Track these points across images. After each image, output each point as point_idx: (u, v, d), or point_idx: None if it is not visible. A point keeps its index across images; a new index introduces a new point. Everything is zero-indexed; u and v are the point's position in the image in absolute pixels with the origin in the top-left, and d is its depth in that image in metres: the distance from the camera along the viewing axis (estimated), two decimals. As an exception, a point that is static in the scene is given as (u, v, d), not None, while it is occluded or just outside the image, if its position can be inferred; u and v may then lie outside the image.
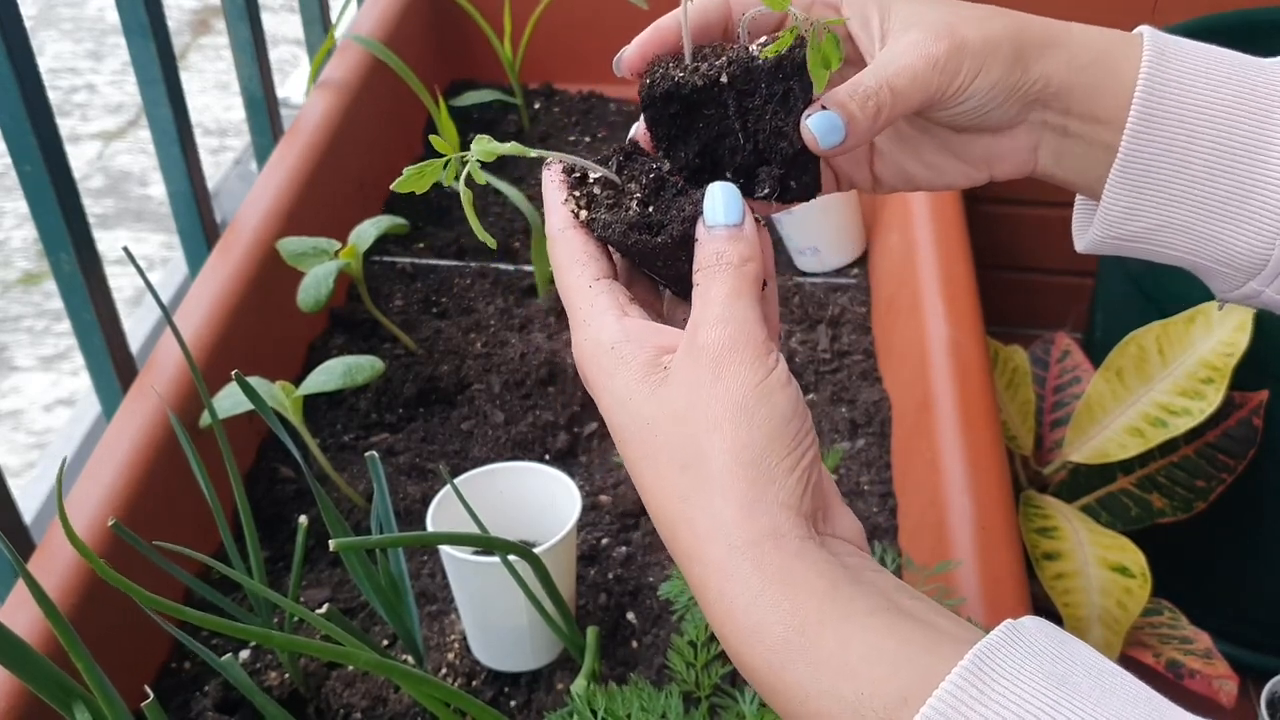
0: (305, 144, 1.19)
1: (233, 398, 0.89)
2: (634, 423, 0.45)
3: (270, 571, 0.93)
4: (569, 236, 0.49)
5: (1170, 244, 0.53)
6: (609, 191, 0.49)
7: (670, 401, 0.44)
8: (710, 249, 0.46)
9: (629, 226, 0.47)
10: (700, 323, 0.44)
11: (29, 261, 2.13)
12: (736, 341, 0.43)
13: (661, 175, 0.49)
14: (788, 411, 0.43)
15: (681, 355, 0.44)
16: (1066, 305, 1.72)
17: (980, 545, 0.85)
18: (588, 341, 0.46)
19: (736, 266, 0.45)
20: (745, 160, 0.50)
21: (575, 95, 1.55)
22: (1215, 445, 1.21)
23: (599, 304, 0.47)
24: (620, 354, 0.45)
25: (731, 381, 0.43)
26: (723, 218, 0.46)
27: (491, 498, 0.85)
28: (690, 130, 0.50)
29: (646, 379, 0.45)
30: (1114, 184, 0.52)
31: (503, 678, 0.87)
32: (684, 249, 0.47)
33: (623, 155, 0.50)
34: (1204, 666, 1.11)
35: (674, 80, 0.49)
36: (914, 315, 1.08)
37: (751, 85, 0.48)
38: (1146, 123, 0.50)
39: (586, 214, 0.49)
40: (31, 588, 0.54)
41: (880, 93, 0.48)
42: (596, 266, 0.48)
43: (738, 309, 0.44)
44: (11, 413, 1.85)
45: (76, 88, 2.58)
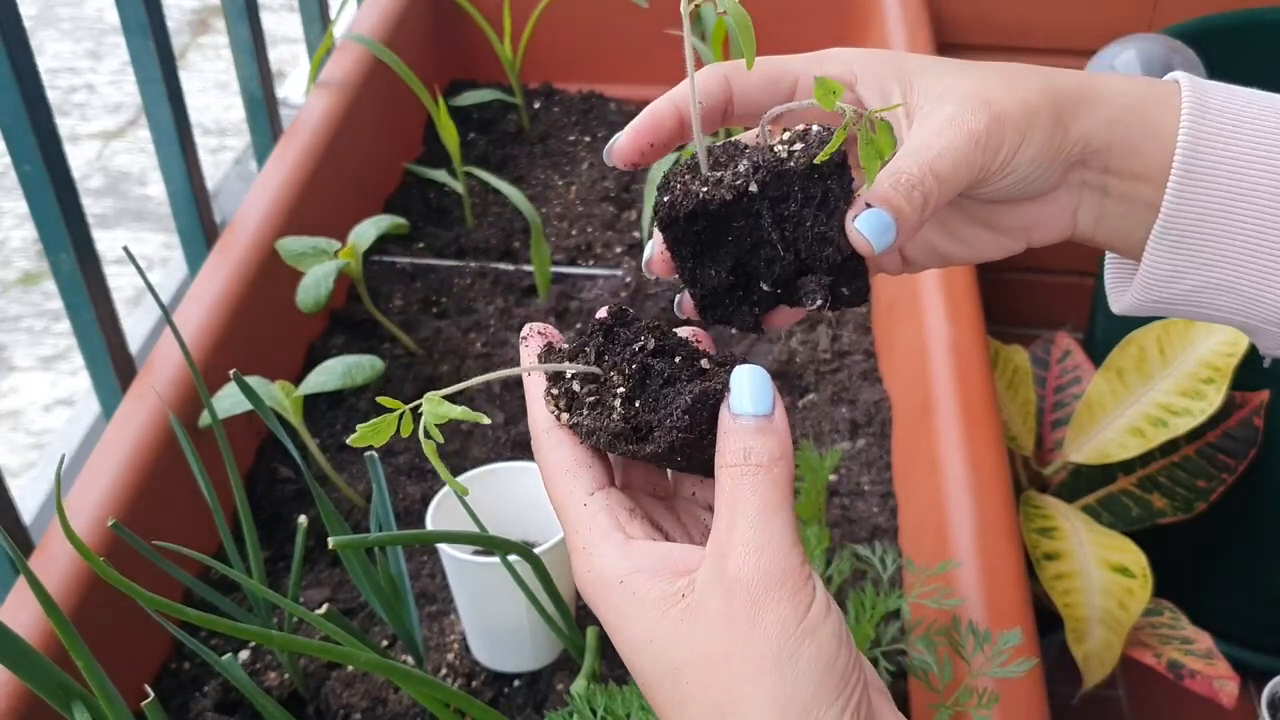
0: (305, 144, 1.19)
1: (232, 398, 0.89)
2: (657, 666, 0.41)
3: (270, 571, 0.93)
4: (554, 441, 0.45)
5: (1215, 305, 0.49)
6: (590, 385, 0.44)
7: (700, 644, 0.39)
8: (737, 445, 0.41)
9: (614, 436, 0.43)
10: (730, 548, 0.40)
11: (29, 261, 2.12)
12: (773, 575, 0.39)
13: (645, 361, 0.44)
14: (833, 649, 0.39)
15: (708, 584, 0.40)
16: (1067, 305, 1.72)
17: (981, 545, 0.85)
18: (591, 574, 0.42)
19: (767, 469, 0.40)
20: (784, 272, 0.46)
21: (575, 95, 1.55)
22: (1216, 445, 1.21)
23: (597, 527, 0.43)
24: (631, 588, 0.41)
25: (771, 625, 0.39)
26: (751, 407, 0.41)
27: (491, 498, 0.85)
28: (718, 247, 0.46)
29: (666, 615, 0.40)
30: (1156, 244, 0.48)
31: (503, 678, 0.87)
32: (678, 454, 0.43)
33: (603, 334, 0.45)
34: (1205, 667, 1.10)
35: (698, 197, 0.44)
36: (915, 315, 1.08)
37: (784, 190, 0.44)
38: (1189, 178, 0.46)
39: (568, 416, 0.44)
40: (33, 586, 0.54)
41: (925, 181, 0.44)
42: (589, 476, 0.44)
43: (772, 531, 0.40)
44: (11, 413, 1.85)
45: (76, 87, 2.58)
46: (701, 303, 0.48)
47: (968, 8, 1.59)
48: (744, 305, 0.48)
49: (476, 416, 0.42)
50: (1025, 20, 1.60)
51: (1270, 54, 1.39)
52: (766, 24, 1.43)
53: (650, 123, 0.48)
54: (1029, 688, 0.75)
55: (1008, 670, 0.70)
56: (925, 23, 1.38)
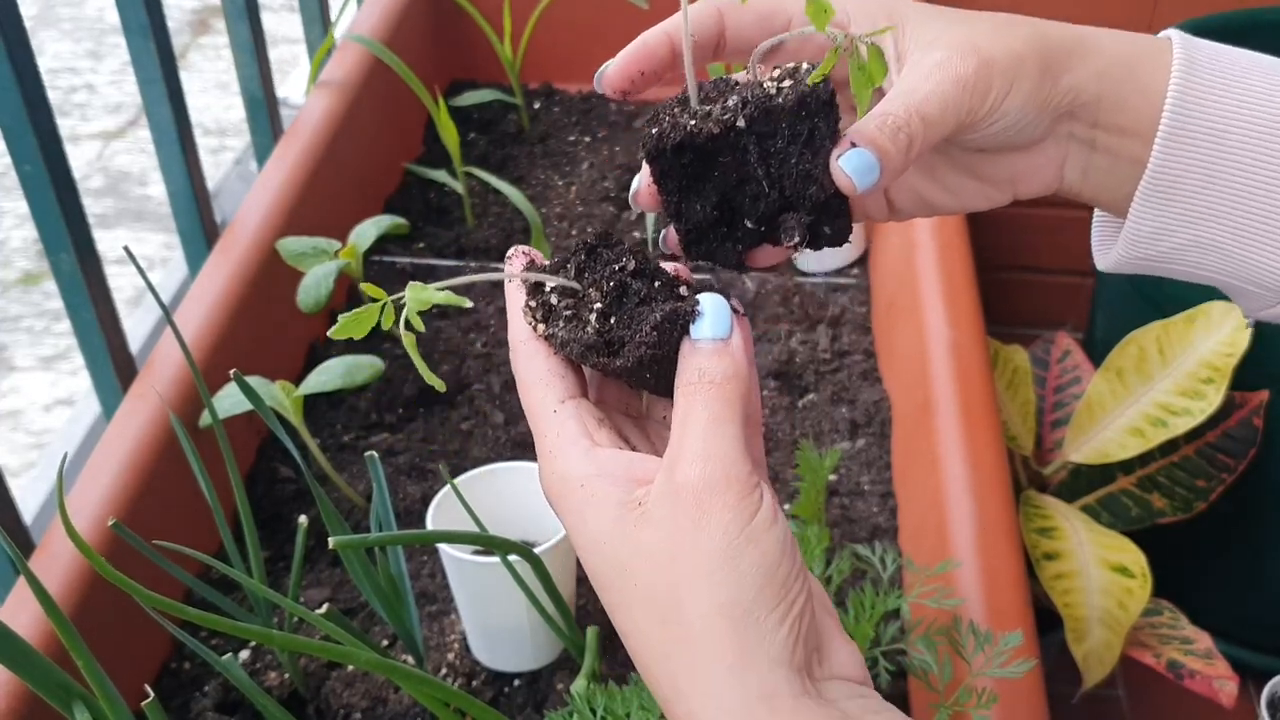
0: (305, 144, 1.19)
1: (233, 398, 0.89)
2: (609, 567, 0.42)
3: (270, 571, 0.93)
4: (529, 351, 0.46)
5: (1199, 264, 0.49)
6: (567, 300, 0.45)
7: (647, 546, 0.41)
8: (692, 364, 0.43)
9: (586, 348, 0.44)
10: (678, 457, 0.41)
11: (29, 261, 2.13)
12: (717, 480, 0.40)
13: (624, 280, 0.44)
14: (776, 555, 0.40)
15: (659, 493, 0.41)
16: (1066, 305, 1.72)
17: (980, 545, 0.85)
18: (554, 475, 0.43)
19: (719, 385, 0.42)
20: (768, 209, 0.46)
21: (575, 95, 1.55)
22: (1215, 445, 1.21)
23: (565, 432, 0.44)
24: (591, 491, 0.42)
25: (714, 528, 0.40)
26: (710, 331, 0.43)
27: (491, 498, 0.85)
28: (705, 181, 0.46)
29: (621, 519, 0.41)
30: (1142, 200, 0.48)
31: (503, 678, 0.87)
32: (646, 369, 0.43)
33: (585, 252, 0.46)
34: (1204, 667, 1.10)
35: (686, 129, 0.44)
36: (914, 315, 1.08)
37: (772, 126, 0.44)
38: (1177, 135, 0.46)
39: (544, 327, 0.45)
40: (33, 586, 0.54)
41: (911, 122, 0.44)
42: (561, 385, 0.45)
43: (719, 441, 0.41)
44: (11, 413, 1.85)
45: (76, 88, 2.58)
46: (686, 238, 0.48)
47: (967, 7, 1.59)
48: (728, 242, 0.48)
49: (459, 301, 0.43)
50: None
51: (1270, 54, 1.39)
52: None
53: (642, 50, 0.48)
54: (1029, 688, 0.75)
55: (1007, 670, 0.70)
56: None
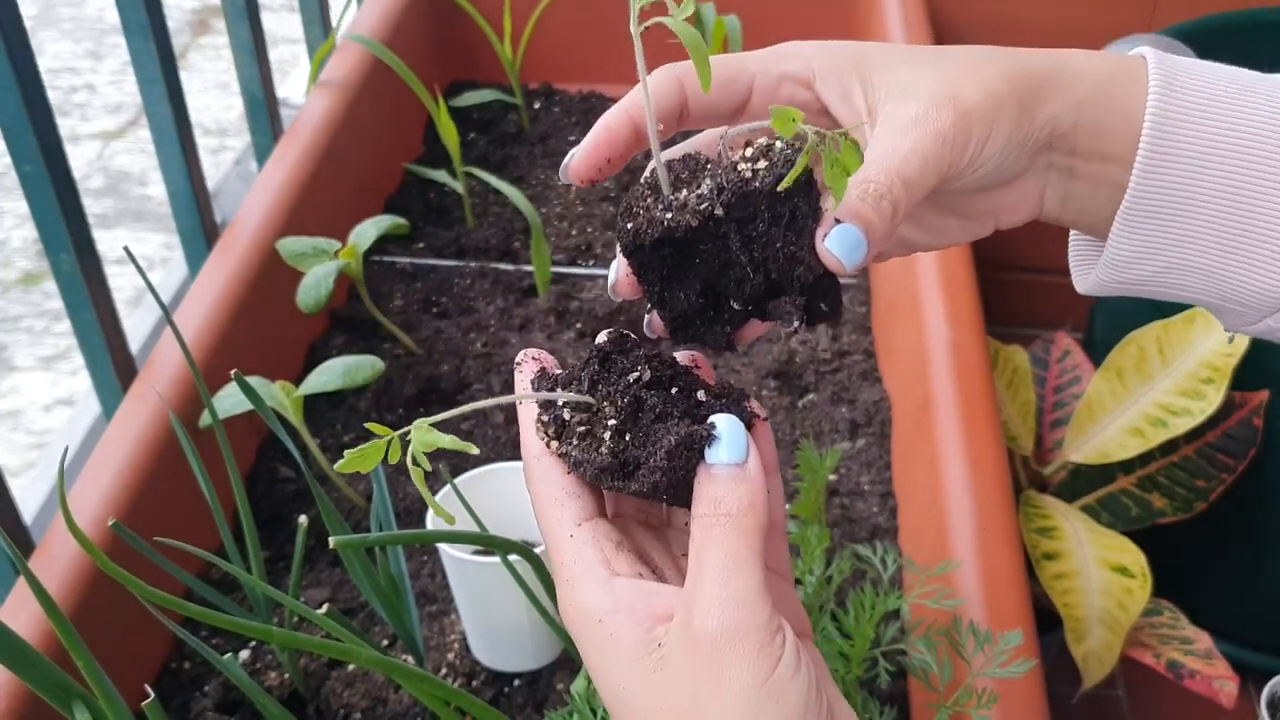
0: (305, 144, 1.19)
1: (233, 398, 0.89)
2: (628, 712, 0.41)
3: (270, 571, 0.93)
4: (543, 468, 0.44)
5: (1180, 285, 0.48)
6: (580, 416, 0.44)
7: (668, 696, 0.39)
8: (708, 494, 0.41)
9: (600, 470, 0.42)
10: (695, 602, 0.39)
11: (29, 261, 2.12)
12: (735, 631, 0.38)
13: (638, 394, 0.43)
14: (800, 708, 0.38)
15: (677, 639, 0.40)
16: (1066, 305, 1.72)
17: (980, 545, 0.85)
18: (573, 606, 0.42)
19: (736, 519, 0.40)
20: (755, 291, 0.45)
21: (575, 95, 1.55)
22: (1215, 445, 1.21)
23: (583, 560, 0.42)
24: (610, 630, 0.41)
25: (732, 684, 0.38)
26: (725, 456, 0.41)
27: (491, 498, 0.85)
28: (686, 270, 0.45)
29: (641, 661, 0.40)
30: (1121, 224, 0.47)
31: (503, 678, 0.87)
32: (661, 494, 0.42)
33: (599, 361, 0.45)
34: (1204, 667, 1.10)
35: (663, 224, 0.43)
36: (914, 315, 1.08)
37: (751, 211, 0.43)
38: (1156, 158, 0.46)
39: (557, 445, 0.44)
40: (33, 586, 0.54)
41: (894, 188, 0.43)
42: (577, 506, 0.43)
43: (736, 585, 0.39)
44: (11, 413, 1.85)
45: (76, 88, 2.58)
46: (672, 324, 0.47)
47: (967, 7, 1.60)
48: (715, 325, 0.47)
49: (466, 446, 0.42)
50: (1024, 20, 1.60)
51: (1270, 54, 1.39)
52: (767, 23, 1.44)
53: (605, 137, 0.46)
54: (1029, 688, 0.75)
55: (1008, 670, 0.70)
56: (924, 21, 1.38)
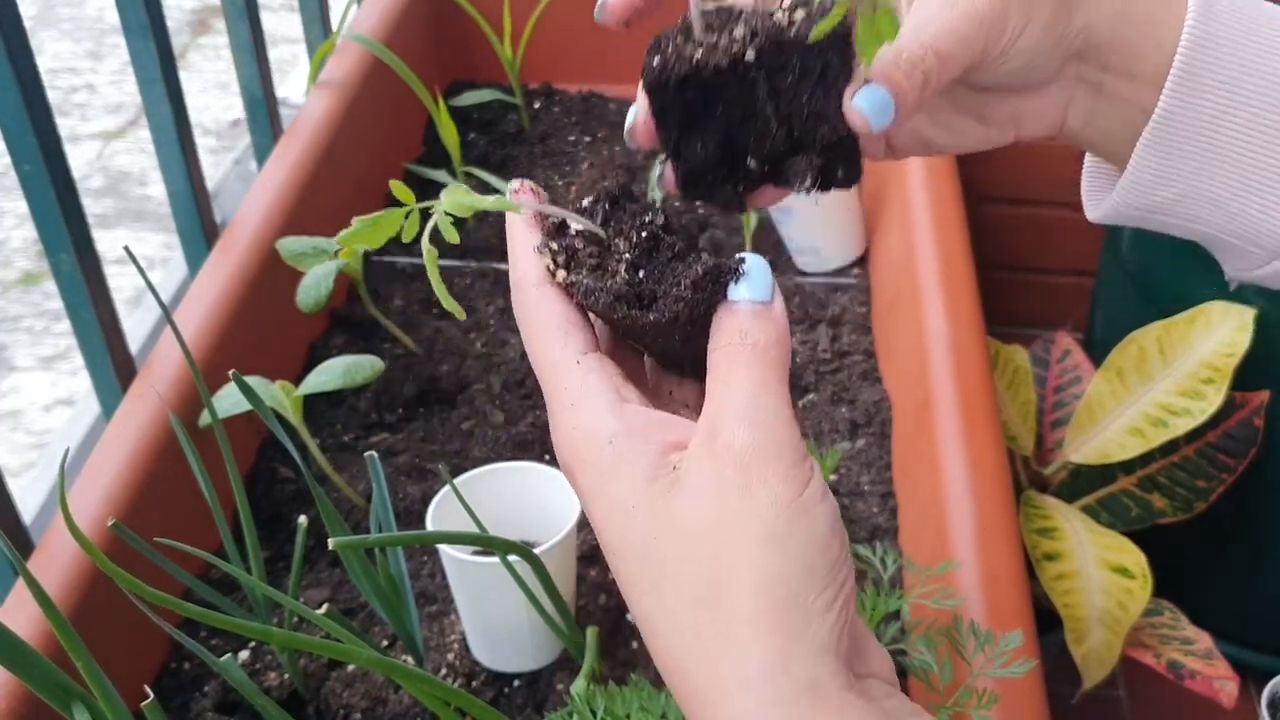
0: (305, 144, 1.19)
1: (232, 398, 0.89)
2: (634, 539, 0.37)
3: (270, 572, 0.93)
4: (546, 296, 0.41)
5: (1195, 216, 0.48)
6: (592, 248, 0.41)
7: (683, 517, 0.37)
8: (733, 325, 0.39)
9: (616, 297, 0.39)
10: (722, 420, 0.37)
11: (29, 261, 2.13)
12: (767, 446, 0.36)
13: (655, 231, 0.41)
14: (827, 532, 0.36)
15: (698, 457, 0.37)
16: (1067, 305, 1.72)
17: (980, 546, 0.85)
18: (577, 430, 0.39)
19: (764, 349, 0.38)
20: (774, 148, 0.44)
21: (575, 95, 1.55)
22: (1216, 445, 1.21)
23: (590, 384, 0.39)
24: (619, 451, 0.38)
25: (763, 498, 0.36)
26: (749, 293, 0.39)
27: (491, 498, 0.85)
28: (708, 117, 0.43)
29: (653, 483, 0.37)
30: (1145, 147, 0.46)
31: (503, 678, 0.87)
32: (678, 329, 0.40)
33: (609, 201, 0.42)
34: (1205, 667, 1.10)
35: (691, 61, 0.41)
36: (914, 315, 1.08)
37: (782, 61, 0.41)
38: (1189, 80, 0.45)
39: (565, 274, 0.41)
40: (31, 587, 0.54)
41: (926, 59, 0.42)
42: (582, 338, 0.41)
43: (766, 405, 0.37)
44: (11, 413, 1.85)
45: (76, 88, 2.58)
46: (685, 178, 0.45)
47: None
48: (728, 182, 0.45)
49: (506, 205, 0.39)
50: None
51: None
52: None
53: None
54: (1029, 688, 0.75)
55: (1008, 671, 0.70)
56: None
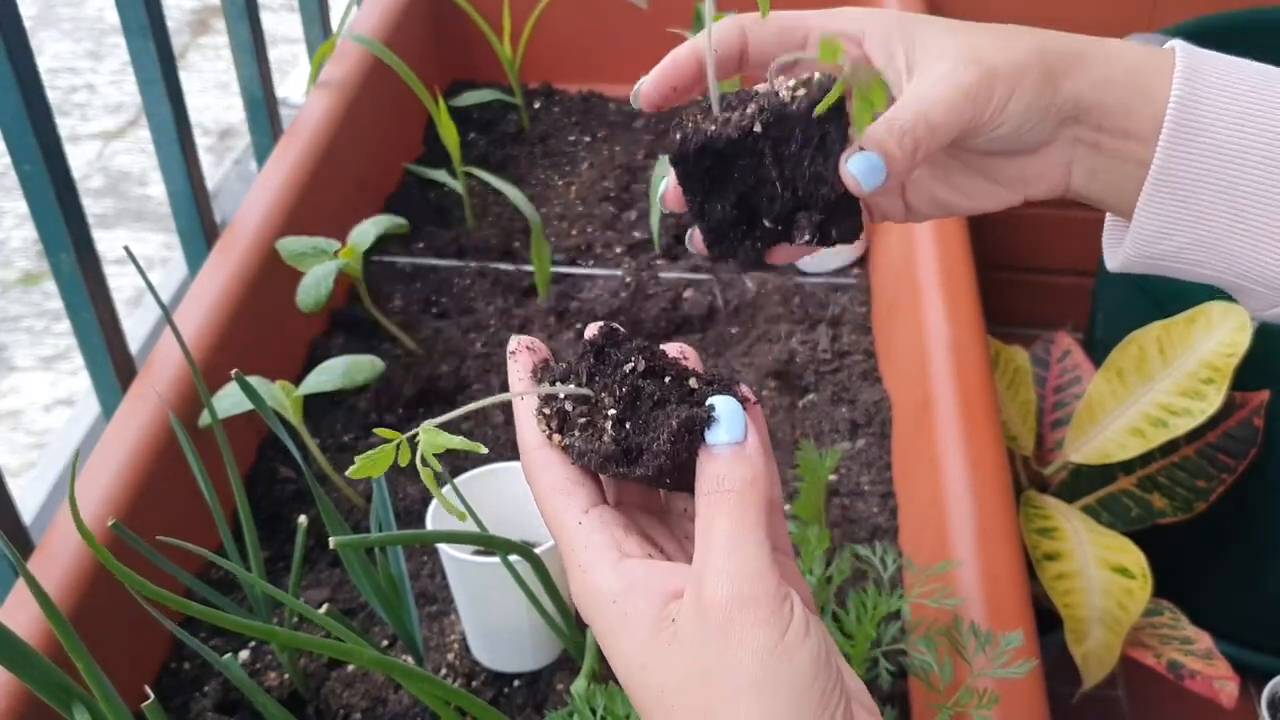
0: (305, 144, 1.19)
1: (232, 397, 0.89)
2: (645, 689, 0.42)
3: (270, 572, 0.93)
4: (547, 460, 0.46)
5: (1203, 262, 0.51)
6: (581, 407, 0.46)
7: (681, 669, 0.41)
8: (711, 472, 0.43)
9: (605, 458, 0.44)
10: (704, 574, 0.41)
11: (29, 261, 2.12)
12: (744, 598, 0.40)
13: (636, 384, 0.46)
14: (810, 672, 0.40)
15: (688, 611, 0.41)
16: (1067, 305, 1.72)
17: (980, 545, 0.85)
18: (587, 590, 0.44)
19: (739, 493, 0.42)
20: (783, 208, 0.49)
21: (575, 95, 1.55)
22: (1216, 446, 1.21)
23: (593, 545, 0.44)
24: (623, 609, 0.42)
25: (743, 650, 0.40)
26: (725, 436, 0.43)
27: (491, 498, 0.85)
28: (725, 183, 0.49)
29: (655, 637, 0.42)
30: (1146, 201, 0.50)
31: (503, 678, 0.87)
32: (665, 477, 0.44)
33: (594, 354, 0.47)
34: (1205, 667, 1.10)
35: (707, 134, 0.48)
36: (914, 315, 1.08)
37: (786, 132, 0.47)
38: (1179, 137, 0.49)
39: (560, 438, 0.46)
40: (32, 587, 0.54)
41: (917, 128, 0.47)
42: (583, 495, 0.45)
43: (743, 555, 0.41)
44: (11, 413, 1.85)
45: (76, 88, 2.58)
46: (708, 236, 0.52)
47: (967, 6, 1.59)
48: (747, 240, 0.51)
49: (474, 447, 0.43)
50: (1024, 19, 1.59)
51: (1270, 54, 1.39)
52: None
53: (673, 68, 0.51)
54: (1029, 688, 0.75)
55: (1008, 671, 0.70)
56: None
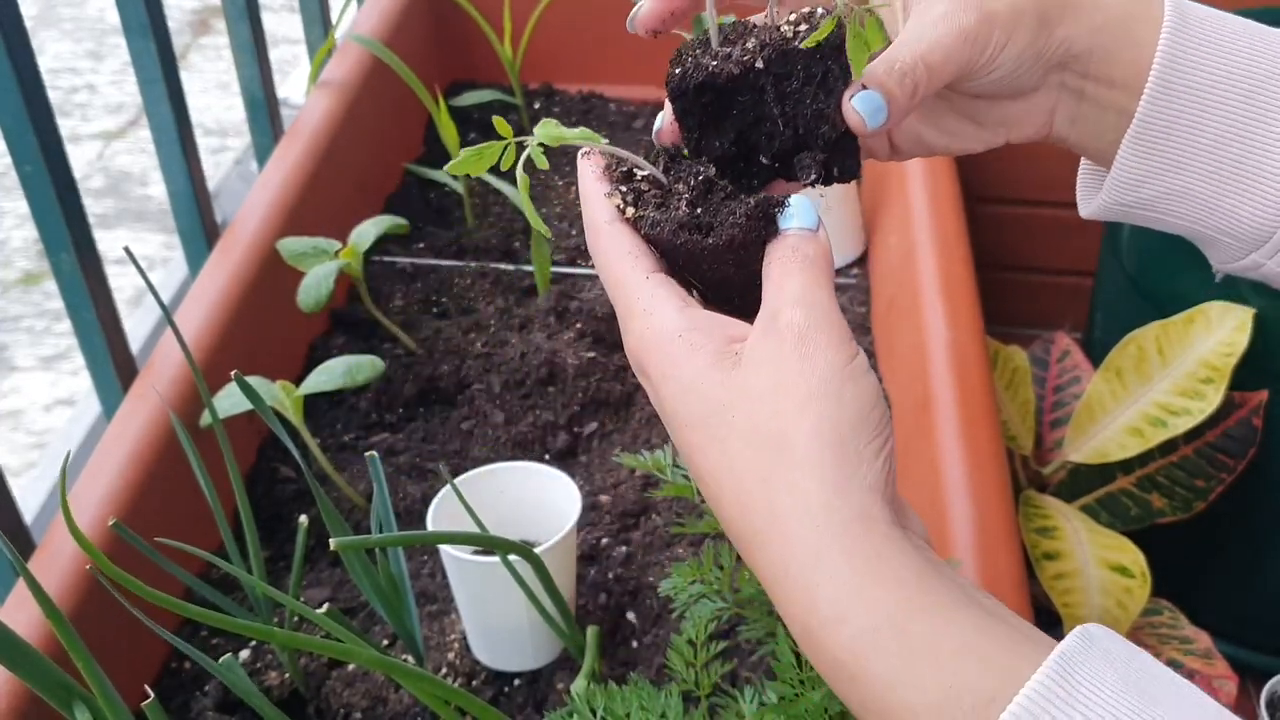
0: (305, 144, 1.19)
1: (233, 398, 0.89)
2: (703, 407, 0.43)
3: (270, 571, 0.93)
4: (618, 230, 0.47)
5: (1176, 211, 0.53)
6: (655, 190, 0.48)
7: (748, 383, 0.42)
8: (785, 244, 0.45)
9: (679, 225, 0.46)
10: (780, 305, 0.43)
11: (29, 261, 2.13)
12: (821, 323, 0.43)
13: (710, 178, 0.47)
14: (872, 395, 0.42)
15: (759, 337, 0.43)
16: (1066, 305, 1.72)
17: (980, 545, 0.85)
18: (650, 330, 0.45)
19: (814, 260, 0.45)
20: (783, 146, 0.49)
21: (575, 95, 1.55)
22: (1215, 445, 1.21)
23: (659, 294, 0.45)
24: (690, 340, 0.44)
25: (819, 360, 0.42)
26: (798, 221, 0.46)
27: (491, 498, 0.85)
28: (723, 119, 0.49)
29: (719, 364, 0.43)
30: (1127, 148, 0.51)
31: (503, 678, 0.87)
32: (733, 253, 0.46)
33: (667, 156, 0.49)
34: (1204, 666, 1.11)
35: (708, 69, 0.47)
36: (914, 315, 1.08)
37: (788, 69, 0.47)
38: (1165, 88, 0.50)
39: (634, 210, 0.47)
40: (32, 587, 0.54)
41: (916, 69, 0.48)
42: (650, 261, 0.47)
43: (818, 295, 0.43)
44: (11, 413, 1.85)
45: (76, 88, 2.59)
46: None
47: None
48: (744, 178, 0.51)
49: (594, 137, 0.46)
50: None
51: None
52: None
53: None
54: (1028, 687, 0.75)
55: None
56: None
